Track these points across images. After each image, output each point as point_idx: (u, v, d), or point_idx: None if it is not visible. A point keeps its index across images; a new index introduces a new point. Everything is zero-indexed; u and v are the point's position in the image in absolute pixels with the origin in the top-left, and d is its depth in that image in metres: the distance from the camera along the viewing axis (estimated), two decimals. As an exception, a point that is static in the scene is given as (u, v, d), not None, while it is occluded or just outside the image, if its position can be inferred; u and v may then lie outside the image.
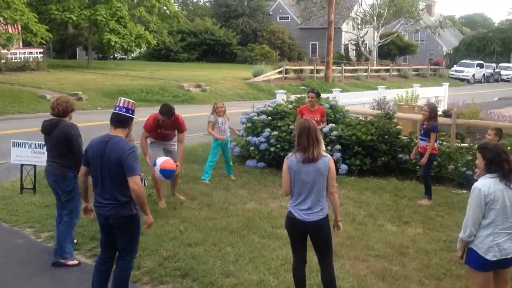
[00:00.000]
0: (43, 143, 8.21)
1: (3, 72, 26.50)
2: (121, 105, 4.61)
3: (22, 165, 8.37)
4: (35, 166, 8.36)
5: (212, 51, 49.25)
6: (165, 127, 8.04)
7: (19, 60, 28.20)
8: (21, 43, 28.39)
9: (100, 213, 4.63)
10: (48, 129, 5.96)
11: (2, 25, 21.60)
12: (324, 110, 9.64)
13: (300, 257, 4.86)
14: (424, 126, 8.47)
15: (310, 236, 4.77)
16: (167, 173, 7.07)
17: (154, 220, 7.02)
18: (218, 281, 5.37)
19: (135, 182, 4.45)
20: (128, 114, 4.62)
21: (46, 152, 6.25)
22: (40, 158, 8.29)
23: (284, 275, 5.53)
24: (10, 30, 21.97)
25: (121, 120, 4.61)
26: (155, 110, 21.51)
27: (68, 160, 5.83)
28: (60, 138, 5.85)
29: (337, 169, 9.48)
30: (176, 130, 8.12)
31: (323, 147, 9.03)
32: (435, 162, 9.37)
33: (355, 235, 6.88)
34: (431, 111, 8.47)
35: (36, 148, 8.29)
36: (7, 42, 19.85)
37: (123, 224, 4.60)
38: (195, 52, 48.70)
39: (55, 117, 5.95)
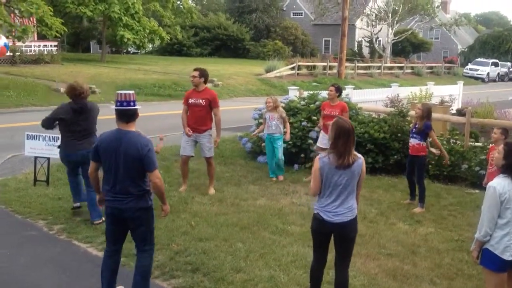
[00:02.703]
0: (57, 136, 8.31)
1: (18, 65, 26.72)
2: (125, 99, 4.57)
3: (36, 158, 8.43)
4: (48, 158, 8.42)
5: (224, 46, 49.27)
6: (195, 95, 8.24)
7: (33, 53, 28.40)
8: (35, 36, 28.60)
9: (114, 206, 4.62)
10: (85, 109, 6.82)
11: (18, 18, 21.74)
12: (345, 104, 9.38)
13: (321, 258, 4.77)
14: (417, 126, 8.20)
15: (334, 237, 4.65)
16: None
17: (165, 215, 7.12)
18: (229, 277, 5.37)
19: (156, 176, 4.55)
20: (135, 107, 4.62)
21: (58, 145, 7.13)
22: (53, 150, 8.34)
23: (295, 272, 5.53)
24: (25, 23, 22.11)
25: (132, 115, 4.61)
26: (167, 104, 21.49)
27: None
28: (94, 116, 6.92)
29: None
30: (207, 115, 8.30)
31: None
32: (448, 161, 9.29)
33: (366, 233, 6.85)
34: (425, 110, 8.16)
35: (50, 140, 8.34)
36: (22, 34, 19.97)
37: (140, 216, 4.63)
38: (208, 47, 48.77)
39: (84, 100, 6.84)
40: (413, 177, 8.33)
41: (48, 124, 7.02)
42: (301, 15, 56.48)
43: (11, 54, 27.09)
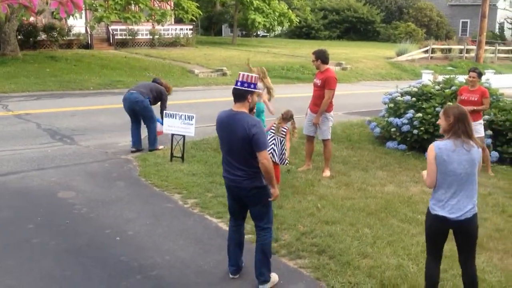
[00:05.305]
0: (192, 115, 8.78)
1: (156, 47, 28.47)
2: (239, 79, 4.66)
3: (172, 135, 8.94)
4: (184, 136, 8.88)
5: (354, 29, 48.38)
6: (317, 75, 8.40)
7: (170, 36, 30.07)
8: (173, 20, 30.21)
9: (232, 184, 4.75)
10: (154, 80, 9.98)
11: (157, 2, 23.09)
12: (485, 90, 8.77)
13: (437, 256, 4.43)
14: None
15: (456, 234, 4.33)
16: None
17: (292, 196, 7.22)
18: (355, 261, 5.31)
19: (264, 157, 4.56)
20: (244, 88, 4.63)
21: (193, 123, 8.89)
22: (188, 128, 8.81)
23: (424, 262, 5.32)
24: (164, 7, 23.45)
25: (238, 95, 4.66)
26: (294, 87, 21.64)
27: (151, 95, 9.44)
28: (159, 90, 9.59)
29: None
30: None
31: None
32: None
33: (504, 227, 6.40)
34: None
35: (185, 119, 8.80)
36: (161, 18, 21.18)
37: (256, 195, 4.71)
38: (337, 30, 48.17)
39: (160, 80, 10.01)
40: None
41: None
42: (437, -5, 53.58)
43: (151, 37, 28.93)
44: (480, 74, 8.71)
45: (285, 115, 7.60)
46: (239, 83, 4.66)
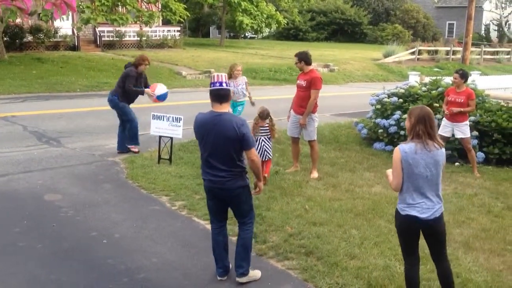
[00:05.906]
0: (180, 117, 8.77)
1: (144, 49, 28.36)
2: (220, 80, 4.66)
3: (160, 137, 8.91)
4: (171, 138, 8.86)
5: (341, 31, 48.59)
6: (300, 77, 8.47)
7: (158, 38, 29.99)
8: (160, 22, 30.14)
9: (214, 186, 4.74)
10: (125, 67, 9.47)
11: (145, 3, 23.03)
12: (471, 92, 8.84)
13: (414, 258, 4.45)
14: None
15: (426, 235, 4.38)
16: (163, 96, 9.37)
17: (280, 197, 7.23)
18: (343, 262, 5.32)
19: (254, 154, 4.69)
20: (228, 87, 4.70)
21: (180, 125, 8.80)
22: (176, 130, 8.79)
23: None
24: (151, 9, 23.38)
25: (225, 95, 4.68)
26: (282, 88, 21.64)
27: (118, 90, 9.22)
28: (123, 75, 9.26)
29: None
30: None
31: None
32: None
33: (490, 227, 6.45)
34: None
35: (173, 121, 8.77)
36: (149, 19, 21.12)
37: (240, 194, 4.75)
38: (324, 31, 48.35)
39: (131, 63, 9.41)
40: None
41: None
42: (424, -3, 53.99)
43: (138, 38, 28.84)
44: (463, 76, 8.74)
45: (261, 114, 7.72)
46: (224, 84, 4.68)
